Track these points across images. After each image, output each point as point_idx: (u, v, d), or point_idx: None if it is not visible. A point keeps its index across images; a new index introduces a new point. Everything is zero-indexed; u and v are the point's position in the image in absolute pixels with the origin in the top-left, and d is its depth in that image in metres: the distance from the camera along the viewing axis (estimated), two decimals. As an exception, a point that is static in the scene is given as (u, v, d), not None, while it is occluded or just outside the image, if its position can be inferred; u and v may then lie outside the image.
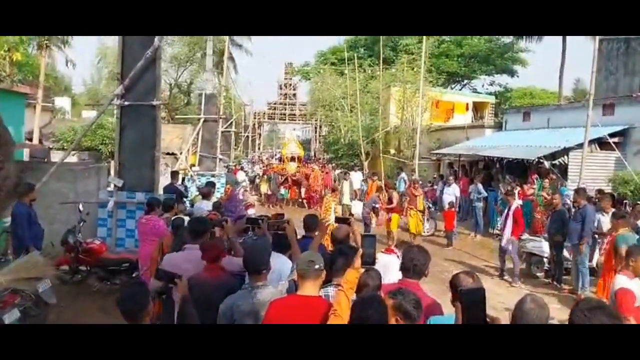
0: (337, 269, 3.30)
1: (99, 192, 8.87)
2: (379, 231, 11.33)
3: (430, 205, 14.04)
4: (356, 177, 18.18)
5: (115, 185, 8.22)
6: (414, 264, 3.34)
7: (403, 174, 18.16)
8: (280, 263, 3.75)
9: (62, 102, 26.95)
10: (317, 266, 2.97)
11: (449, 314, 2.87)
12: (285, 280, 3.46)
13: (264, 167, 24.47)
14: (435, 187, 16.16)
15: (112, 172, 9.82)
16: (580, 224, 8.41)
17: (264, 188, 19.86)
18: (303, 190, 19.16)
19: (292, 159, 22.41)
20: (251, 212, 9.87)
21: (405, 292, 2.66)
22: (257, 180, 22.18)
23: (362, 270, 2.96)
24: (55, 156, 14.27)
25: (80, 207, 8.04)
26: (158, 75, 8.35)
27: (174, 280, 3.35)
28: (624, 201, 9.87)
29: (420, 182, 14.75)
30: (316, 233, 4.58)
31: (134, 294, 2.76)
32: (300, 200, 19.40)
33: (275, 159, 29.35)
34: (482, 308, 1.36)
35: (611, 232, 7.15)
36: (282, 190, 19.36)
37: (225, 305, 3.21)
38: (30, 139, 15.99)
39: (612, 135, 12.14)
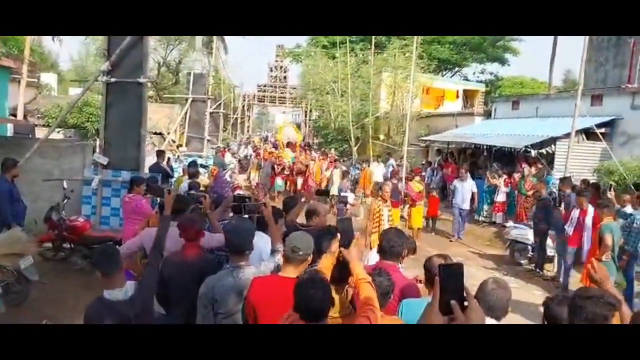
0: (323, 251, 3.29)
1: (83, 169, 8.76)
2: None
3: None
4: (378, 169, 16.78)
5: (100, 163, 8.13)
6: (391, 246, 3.37)
7: (392, 160, 18.17)
8: (262, 243, 3.74)
9: (48, 78, 26.34)
10: (301, 252, 2.97)
11: (423, 298, 2.92)
12: (268, 260, 3.45)
13: (256, 150, 22.69)
14: (424, 173, 16.19)
15: (97, 150, 9.71)
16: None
17: (253, 175, 18.42)
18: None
19: (288, 144, 21.74)
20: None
21: (383, 272, 2.85)
22: (250, 165, 20.41)
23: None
24: (40, 133, 14.04)
25: (65, 184, 7.94)
26: (145, 52, 8.21)
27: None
28: (603, 188, 9.98)
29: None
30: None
31: (108, 255, 2.93)
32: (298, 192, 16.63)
33: (269, 142, 28.67)
34: (460, 282, 1.37)
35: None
36: (280, 181, 16.85)
37: (206, 286, 3.18)
38: (15, 115, 15.70)
39: (599, 125, 12.24)
